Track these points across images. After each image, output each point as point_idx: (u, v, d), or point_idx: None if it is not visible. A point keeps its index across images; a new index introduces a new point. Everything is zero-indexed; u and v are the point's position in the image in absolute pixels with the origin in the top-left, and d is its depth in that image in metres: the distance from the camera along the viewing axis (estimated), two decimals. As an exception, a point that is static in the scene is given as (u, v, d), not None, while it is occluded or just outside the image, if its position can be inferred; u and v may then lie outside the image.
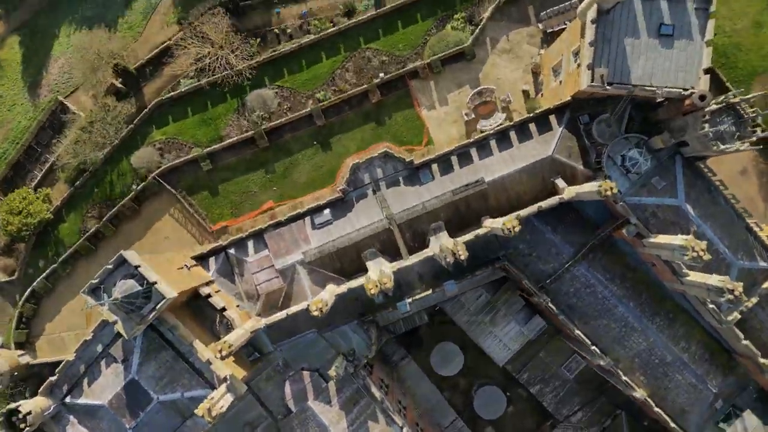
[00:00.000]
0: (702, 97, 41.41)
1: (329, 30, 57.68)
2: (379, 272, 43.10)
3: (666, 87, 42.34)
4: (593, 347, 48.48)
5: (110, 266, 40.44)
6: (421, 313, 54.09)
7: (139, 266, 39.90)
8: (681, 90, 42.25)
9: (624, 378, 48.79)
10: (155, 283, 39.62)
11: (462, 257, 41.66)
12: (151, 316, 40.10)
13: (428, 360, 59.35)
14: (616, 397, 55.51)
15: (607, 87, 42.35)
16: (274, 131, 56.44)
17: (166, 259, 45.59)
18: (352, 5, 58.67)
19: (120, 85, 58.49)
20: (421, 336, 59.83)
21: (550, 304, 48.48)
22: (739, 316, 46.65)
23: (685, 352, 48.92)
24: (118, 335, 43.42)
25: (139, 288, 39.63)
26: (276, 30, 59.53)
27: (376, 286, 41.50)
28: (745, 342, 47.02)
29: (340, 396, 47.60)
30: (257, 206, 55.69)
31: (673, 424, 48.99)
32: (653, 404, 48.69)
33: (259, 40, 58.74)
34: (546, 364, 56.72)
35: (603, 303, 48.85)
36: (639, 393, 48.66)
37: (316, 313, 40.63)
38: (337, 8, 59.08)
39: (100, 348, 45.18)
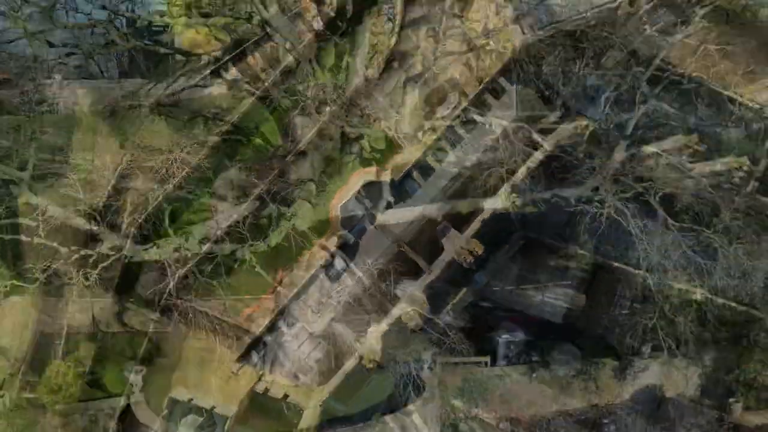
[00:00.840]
0: (631, 2, 41.04)
1: (264, 85, 57.20)
2: (410, 299, 43.03)
3: (593, 8, 41.97)
4: (637, 272, 48.34)
5: (166, 412, 40.56)
6: (467, 308, 53.66)
7: (191, 399, 39.99)
8: (608, 4, 41.86)
9: (677, 286, 48.61)
10: (213, 407, 39.72)
11: (479, 252, 41.61)
12: (223, 439, 40.26)
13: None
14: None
15: (539, 32, 42.09)
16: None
17: (212, 374, 45.67)
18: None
19: (94, 228, 58.15)
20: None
21: (580, 251, 48.34)
22: (757, 184, 46.32)
23: (725, 239, 48.28)
24: (202, 469, 43.51)
25: (201, 419, 39.80)
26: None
27: (413, 314, 41.47)
28: (776, 203, 46.83)
29: (427, 423, 47.53)
30: (270, 282, 55.40)
31: (742, 308, 48.88)
32: (718, 299, 48.50)
33: (203, 124, 58.35)
34: (600, 303, 56.39)
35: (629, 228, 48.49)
36: (698, 294, 48.40)
37: (371, 366, 40.71)
38: (263, 59, 58.49)
39: (191, 489, 45.30)
